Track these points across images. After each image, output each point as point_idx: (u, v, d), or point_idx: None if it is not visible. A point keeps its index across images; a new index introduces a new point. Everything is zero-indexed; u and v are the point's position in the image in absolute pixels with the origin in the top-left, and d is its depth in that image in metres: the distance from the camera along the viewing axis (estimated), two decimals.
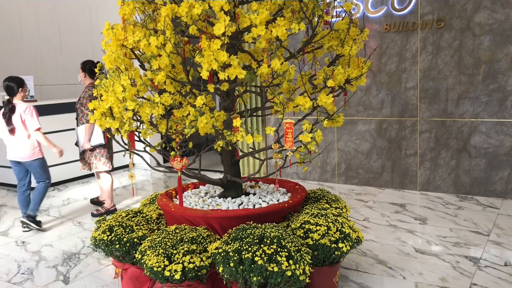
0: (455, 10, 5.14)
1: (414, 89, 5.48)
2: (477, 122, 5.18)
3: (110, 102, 3.06)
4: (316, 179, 6.32)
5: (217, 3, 2.78)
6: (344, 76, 3.12)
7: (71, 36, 8.48)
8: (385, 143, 5.76)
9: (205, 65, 2.79)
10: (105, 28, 3.18)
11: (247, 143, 3.03)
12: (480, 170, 5.23)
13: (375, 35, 5.61)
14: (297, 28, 2.87)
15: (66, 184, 6.78)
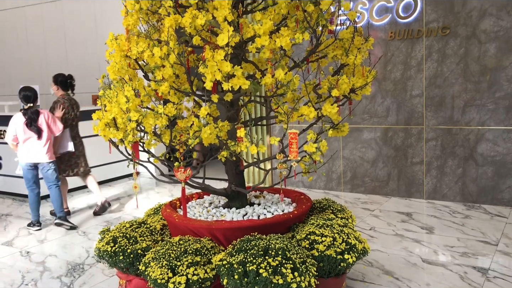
0: (460, 18, 5.11)
1: (420, 97, 5.45)
2: (483, 130, 5.13)
3: (113, 113, 3.06)
4: (321, 188, 6.29)
5: (221, 14, 2.77)
6: (349, 85, 3.10)
7: (77, 46, 8.53)
8: (391, 151, 5.72)
9: (209, 75, 2.78)
10: (109, 38, 3.19)
11: (252, 153, 3.00)
12: (487, 178, 5.17)
13: (380, 43, 5.59)
14: (301, 38, 2.85)
15: (71, 193, 6.77)
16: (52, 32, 8.83)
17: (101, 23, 8.09)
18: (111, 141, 3.24)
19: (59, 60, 8.80)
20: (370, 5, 5.62)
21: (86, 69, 8.32)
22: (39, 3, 8.89)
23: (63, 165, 5.55)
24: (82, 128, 6.77)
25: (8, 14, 9.47)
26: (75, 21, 8.47)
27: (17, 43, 9.42)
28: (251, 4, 3.39)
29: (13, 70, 9.57)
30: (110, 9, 7.83)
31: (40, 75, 9.05)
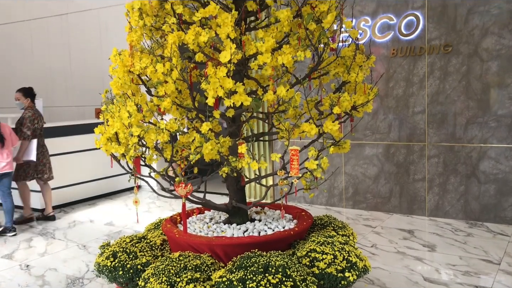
0: (462, 36, 5.14)
1: (422, 114, 5.46)
2: (486, 147, 5.13)
3: (116, 128, 3.07)
4: (323, 204, 6.27)
5: (224, 31, 2.80)
6: (350, 103, 3.11)
7: (81, 60, 8.60)
8: (393, 168, 5.71)
9: (211, 92, 2.80)
10: (112, 54, 3.21)
11: (253, 169, 3.00)
12: (489, 196, 5.15)
13: (382, 60, 5.62)
14: (303, 56, 2.87)
15: (72, 206, 6.78)
16: (57, 45, 8.91)
17: (106, 37, 8.17)
18: (113, 155, 3.25)
19: (63, 73, 8.87)
20: (372, 22, 5.66)
21: (90, 82, 8.38)
22: (44, 17, 8.99)
23: (31, 171, 5.82)
24: (85, 141, 6.81)
25: (14, 27, 9.57)
26: (80, 35, 8.56)
27: (22, 56, 9.50)
28: (254, 21, 3.42)
29: (17, 83, 9.62)
30: (114, 24, 7.91)
31: (45, 88, 9.12)
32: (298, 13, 3.16)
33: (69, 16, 8.66)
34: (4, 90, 9.80)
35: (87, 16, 8.41)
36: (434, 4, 5.26)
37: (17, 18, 9.44)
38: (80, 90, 8.67)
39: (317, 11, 3.02)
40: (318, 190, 6.20)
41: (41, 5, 9.01)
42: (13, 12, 9.49)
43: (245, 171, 5.89)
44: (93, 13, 8.32)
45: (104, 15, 8.17)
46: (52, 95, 9.03)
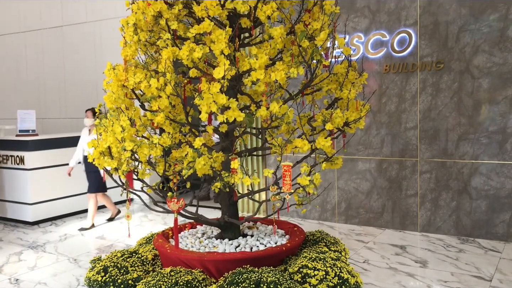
0: (454, 53, 5.21)
1: (414, 130, 5.50)
2: (477, 163, 5.16)
3: (109, 142, 3.08)
4: (316, 218, 6.27)
5: (218, 47, 2.83)
6: (343, 119, 3.14)
7: (75, 73, 8.61)
8: (386, 183, 5.73)
9: (204, 107, 2.82)
10: (106, 68, 3.23)
11: (245, 185, 3.01)
12: (481, 212, 5.18)
13: (375, 76, 5.67)
14: (296, 73, 2.90)
15: (64, 219, 6.72)
16: (51, 58, 8.92)
17: (100, 50, 8.19)
18: (106, 169, 3.25)
19: (57, 85, 8.87)
20: (365, 39, 5.72)
21: (84, 95, 8.38)
22: (39, 29, 9.01)
23: None
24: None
25: (9, 39, 9.59)
26: (74, 47, 8.58)
27: (17, 68, 9.50)
28: (248, 37, 3.45)
29: (11, 94, 9.63)
30: (109, 36, 7.94)
31: (38, 100, 9.11)
32: (291, 30, 3.21)
33: (64, 28, 8.69)
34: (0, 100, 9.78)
35: (81, 29, 8.44)
36: (426, 22, 5.33)
37: (12, 30, 9.46)
38: (74, 102, 8.66)
39: (310, 28, 3.06)
40: (310, 205, 6.20)
41: (36, 17, 9.04)
42: (8, 24, 9.51)
43: (238, 186, 5.89)
44: (87, 26, 8.36)
45: (98, 28, 8.21)
46: (46, 106, 9.02)
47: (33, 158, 6.32)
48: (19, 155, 6.33)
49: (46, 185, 6.16)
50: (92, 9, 8.26)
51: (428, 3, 5.30)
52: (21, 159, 6.33)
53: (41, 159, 6.29)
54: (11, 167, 6.44)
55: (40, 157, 6.20)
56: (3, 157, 6.51)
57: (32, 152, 6.30)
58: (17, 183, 6.42)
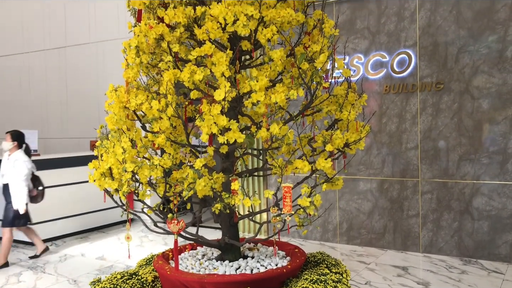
0: (453, 74, 5.24)
1: (415, 150, 5.50)
2: (478, 184, 5.15)
3: (110, 163, 3.08)
4: (317, 239, 6.23)
5: (219, 69, 2.85)
6: (343, 140, 3.15)
7: (78, 93, 8.67)
8: (387, 203, 5.72)
9: (205, 129, 2.83)
10: (108, 90, 3.26)
11: (246, 206, 3.01)
12: (483, 233, 5.14)
13: (375, 96, 5.70)
14: (296, 95, 2.93)
15: (64, 239, 6.70)
16: (54, 78, 9.00)
17: (102, 70, 8.27)
18: (106, 190, 3.25)
19: (59, 106, 8.93)
20: (365, 60, 5.77)
21: (86, 115, 8.43)
22: (42, 50, 9.12)
23: None
24: (78, 173, 6.80)
25: (13, 60, 9.69)
26: (77, 67, 8.66)
27: (20, 88, 9.58)
28: (248, 59, 3.49)
29: (13, 114, 9.69)
30: (111, 57, 8.03)
31: (41, 120, 9.16)
32: (291, 52, 3.24)
33: (67, 49, 8.79)
34: (1, 121, 9.82)
35: (84, 50, 8.53)
36: (426, 43, 5.39)
37: (16, 50, 9.56)
38: (75, 122, 8.71)
39: (310, 51, 3.09)
40: (311, 226, 6.17)
41: (39, 38, 9.15)
42: (11, 45, 9.62)
43: (239, 207, 5.87)
44: (90, 46, 8.45)
45: (101, 49, 8.30)
46: (48, 126, 9.06)
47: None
48: None
49: (47, 205, 6.14)
50: (96, 30, 8.37)
51: (427, 24, 5.36)
52: None
53: (43, 179, 6.28)
54: None
55: (42, 177, 6.20)
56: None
57: None
58: None
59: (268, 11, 2.97)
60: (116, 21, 8.00)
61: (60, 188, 6.66)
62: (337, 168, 3.88)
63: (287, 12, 3.02)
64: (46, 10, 9.02)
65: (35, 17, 9.18)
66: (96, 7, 8.33)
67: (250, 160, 6.21)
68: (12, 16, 9.55)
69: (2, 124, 9.79)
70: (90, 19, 8.42)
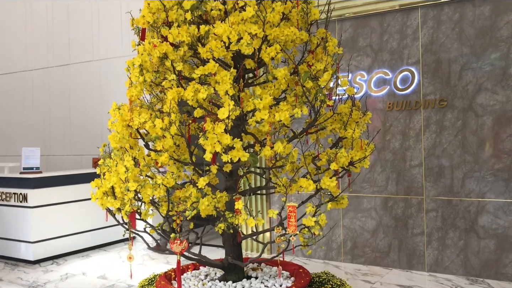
0: (457, 91, 5.24)
1: (419, 167, 5.47)
2: (484, 202, 5.10)
3: (112, 182, 3.06)
4: (321, 258, 6.16)
5: (222, 88, 2.85)
6: (348, 158, 3.12)
7: (81, 111, 8.69)
8: (391, 221, 5.66)
9: (209, 147, 2.81)
10: (112, 108, 3.25)
11: (249, 226, 2.97)
12: (490, 251, 5.07)
13: (379, 113, 5.69)
14: (300, 113, 2.91)
15: (65, 258, 6.63)
16: (57, 95, 9.03)
17: (106, 88, 8.29)
18: (108, 209, 3.22)
19: (62, 123, 8.94)
20: (368, 77, 5.78)
21: (89, 132, 8.43)
22: (46, 67, 9.17)
23: None
24: (80, 191, 6.77)
25: (16, 77, 9.74)
26: (80, 85, 8.69)
27: (23, 105, 9.61)
28: (252, 78, 3.49)
29: (16, 132, 9.70)
30: (115, 77, 8.06)
31: (43, 137, 9.16)
32: (295, 70, 3.24)
33: (70, 67, 8.83)
34: (4, 139, 9.84)
35: (88, 67, 8.57)
36: (428, 60, 5.39)
37: (19, 68, 9.62)
38: (78, 139, 8.71)
39: (313, 69, 3.09)
40: (316, 245, 6.10)
41: (43, 56, 9.21)
42: (15, 63, 9.69)
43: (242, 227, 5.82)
44: (93, 64, 8.50)
45: (104, 67, 8.34)
46: (50, 143, 9.06)
47: (36, 196, 6.30)
48: (22, 193, 6.31)
49: (49, 223, 6.11)
50: (99, 48, 8.42)
51: (429, 42, 5.38)
52: (24, 196, 6.30)
53: (44, 197, 6.27)
54: (14, 205, 6.42)
55: (43, 195, 6.18)
56: (6, 195, 6.50)
57: (35, 190, 6.29)
58: (19, 221, 6.37)
59: (271, 30, 2.97)
60: (119, 39, 8.06)
61: (61, 206, 6.62)
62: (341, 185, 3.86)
63: (291, 30, 3.02)
64: (50, 28, 9.09)
65: (39, 35, 9.25)
66: (100, 25, 8.40)
67: (253, 178, 6.17)
68: (17, 34, 9.63)
69: (4, 141, 9.81)
70: (93, 37, 8.47)
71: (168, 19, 3.12)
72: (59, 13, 8.97)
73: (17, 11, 9.62)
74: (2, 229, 6.57)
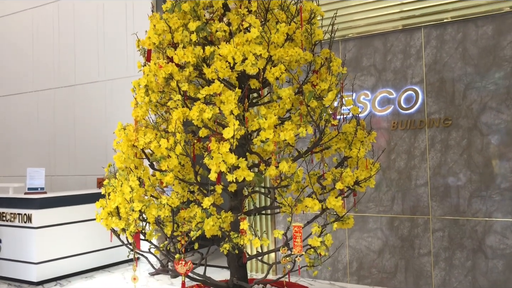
0: (461, 110, 5.23)
1: (425, 187, 5.43)
2: (491, 221, 5.05)
3: (117, 202, 3.05)
4: (327, 278, 6.08)
5: (227, 107, 2.86)
6: (353, 178, 3.11)
7: (85, 130, 8.73)
8: (398, 241, 5.60)
9: (214, 167, 2.80)
10: (117, 128, 3.26)
11: (254, 247, 2.94)
12: (498, 272, 5.00)
13: (383, 132, 5.68)
14: (305, 132, 2.91)
15: (69, 279, 6.58)
16: (62, 116, 9.09)
17: (111, 107, 8.35)
18: (113, 229, 3.21)
19: (67, 143, 8.98)
20: (372, 96, 5.79)
21: (94, 152, 8.46)
22: (51, 88, 9.25)
23: None
24: (84, 211, 6.75)
25: (22, 98, 9.82)
26: (86, 107, 8.75)
27: (28, 125, 9.67)
28: (256, 97, 3.50)
29: (20, 152, 9.74)
30: (120, 97, 8.12)
31: (48, 157, 9.19)
32: (299, 90, 3.25)
33: (76, 87, 8.91)
34: (9, 159, 9.88)
35: (93, 88, 8.65)
36: (432, 79, 5.41)
37: (25, 89, 9.71)
38: (83, 159, 8.73)
39: (318, 89, 3.10)
40: (321, 266, 6.03)
41: (48, 77, 9.30)
42: (21, 84, 9.78)
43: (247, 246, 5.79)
44: (99, 84, 8.57)
45: (110, 87, 8.41)
46: (55, 164, 9.08)
47: (40, 216, 6.29)
48: (27, 213, 6.30)
49: (53, 243, 6.07)
50: (105, 68, 8.50)
51: (433, 61, 5.40)
52: (28, 217, 6.29)
53: (49, 217, 6.25)
54: (18, 225, 6.40)
55: (48, 215, 6.16)
56: (10, 215, 6.49)
57: (39, 210, 6.27)
58: (23, 242, 6.35)
59: (276, 50, 2.99)
60: (125, 60, 8.14)
61: (66, 226, 6.60)
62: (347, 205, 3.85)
63: (295, 51, 3.04)
64: (56, 48, 9.21)
65: (45, 56, 9.36)
66: (106, 45, 8.49)
67: (258, 198, 6.14)
68: (23, 55, 9.75)
69: (10, 161, 9.84)
70: (99, 57, 8.57)
71: (173, 40, 3.15)
72: (65, 34, 9.09)
73: (23, 33, 9.76)
74: (6, 250, 6.54)
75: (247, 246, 6.00)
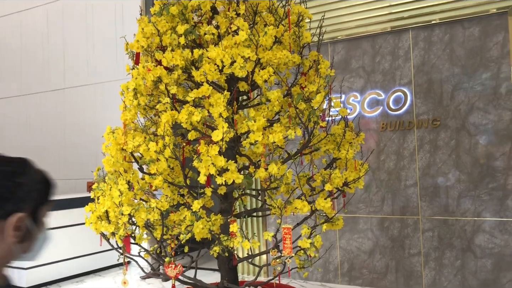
0: (449, 111, 5.28)
1: (414, 187, 5.47)
2: (479, 221, 5.10)
3: (106, 206, 3.04)
4: (318, 280, 6.10)
5: (216, 110, 2.86)
6: (342, 179, 3.13)
7: (75, 134, 8.68)
8: (388, 242, 5.63)
9: (203, 170, 2.81)
10: (106, 132, 3.25)
11: (245, 249, 2.95)
12: (487, 271, 5.05)
13: (373, 134, 5.72)
14: (293, 134, 2.92)
15: (59, 284, 6.53)
16: (52, 120, 9.03)
17: (100, 111, 8.30)
18: (102, 234, 3.19)
19: (57, 147, 8.92)
20: (361, 98, 5.82)
21: (83, 156, 8.40)
22: (41, 92, 9.18)
23: None
24: (74, 215, 6.71)
25: (10, 102, 9.74)
26: (75, 110, 8.70)
27: (17, 130, 9.60)
28: (245, 100, 3.51)
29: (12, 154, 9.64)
30: (110, 99, 8.08)
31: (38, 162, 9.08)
32: (288, 92, 3.26)
33: (65, 91, 8.86)
34: None
35: (82, 91, 8.60)
36: (420, 81, 5.45)
37: (13, 93, 9.63)
38: (73, 163, 8.67)
39: (306, 91, 3.11)
40: (312, 267, 6.05)
41: (37, 81, 9.24)
42: (9, 88, 9.71)
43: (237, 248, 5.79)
44: (88, 88, 8.53)
45: (99, 90, 8.37)
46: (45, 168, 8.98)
47: None
48: None
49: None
50: (95, 72, 8.46)
51: (421, 63, 5.45)
52: None
53: None
54: None
55: None
56: None
57: None
58: None
59: (264, 53, 3.00)
60: (114, 63, 8.10)
61: (55, 231, 6.55)
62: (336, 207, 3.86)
63: (283, 53, 3.06)
64: (46, 53, 9.15)
65: (34, 60, 9.30)
66: (95, 49, 8.46)
67: (248, 201, 6.15)
68: (12, 59, 9.67)
69: None
70: (88, 61, 8.53)
71: (162, 44, 3.15)
72: (54, 37, 9.04)
73: (12, 37, 9.69)
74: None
75: (238, 248, 6.00)
